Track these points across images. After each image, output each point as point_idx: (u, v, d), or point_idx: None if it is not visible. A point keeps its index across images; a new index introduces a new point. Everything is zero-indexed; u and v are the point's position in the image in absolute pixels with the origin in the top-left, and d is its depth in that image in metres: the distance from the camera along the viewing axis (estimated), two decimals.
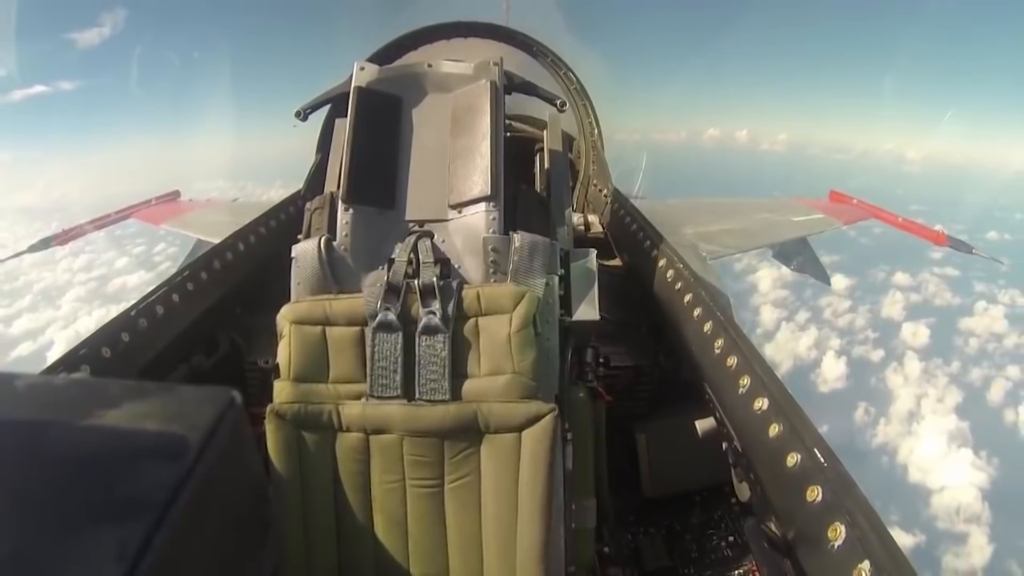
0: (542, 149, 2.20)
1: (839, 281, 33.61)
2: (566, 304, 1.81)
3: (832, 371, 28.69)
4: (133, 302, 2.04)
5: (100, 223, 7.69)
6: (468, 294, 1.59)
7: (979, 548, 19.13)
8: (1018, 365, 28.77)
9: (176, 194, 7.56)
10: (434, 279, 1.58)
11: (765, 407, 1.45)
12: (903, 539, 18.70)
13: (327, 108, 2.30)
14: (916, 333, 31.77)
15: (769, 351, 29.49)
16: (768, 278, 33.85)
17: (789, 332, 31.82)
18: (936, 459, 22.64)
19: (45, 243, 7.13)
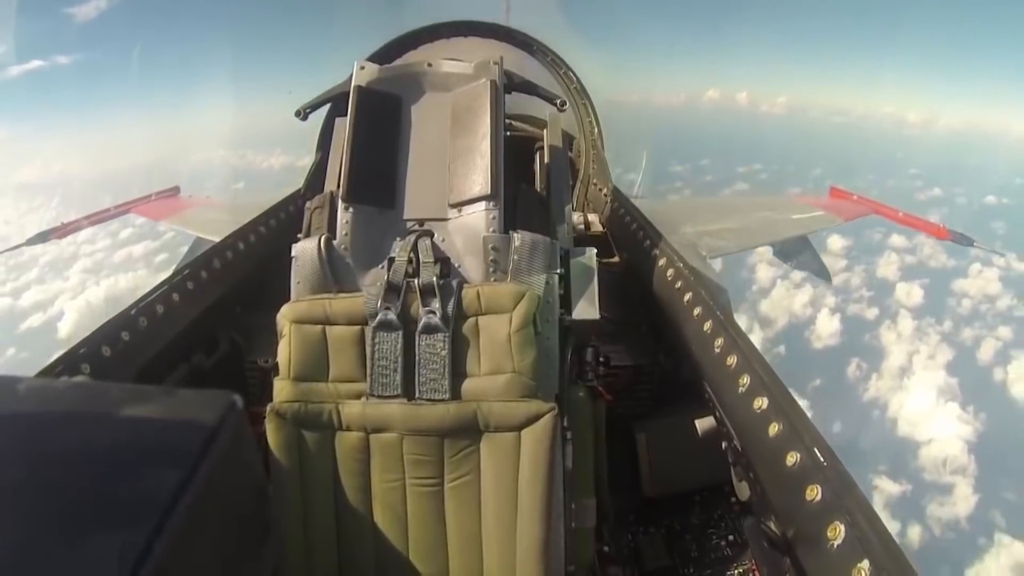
0: (542, 148, 2.20)
1: (835, 241, 34.08)
2: (566, 303, 1.81)
3: (826, 328, 28.91)
4: (136, 298, 2.04)
5: (98, 218, 7.70)
6: (468, 293, 1.59)
7: (964, 499, 19.59)
8: (1010, 326, 29.16)
9: (176, 190, 7.56)
10: (434, 278, 1.58)
11: (765, 406, 1.45)
12: (891, 488, 19.36)
13: (327, 107, 2.29)
14: (910, 293, 31.98)
15: (764, 308, 29.87)
16: None
17: (784, 290, 31.85)
18: (925, 413, 23.13)
19: (43, 237, 7.16)
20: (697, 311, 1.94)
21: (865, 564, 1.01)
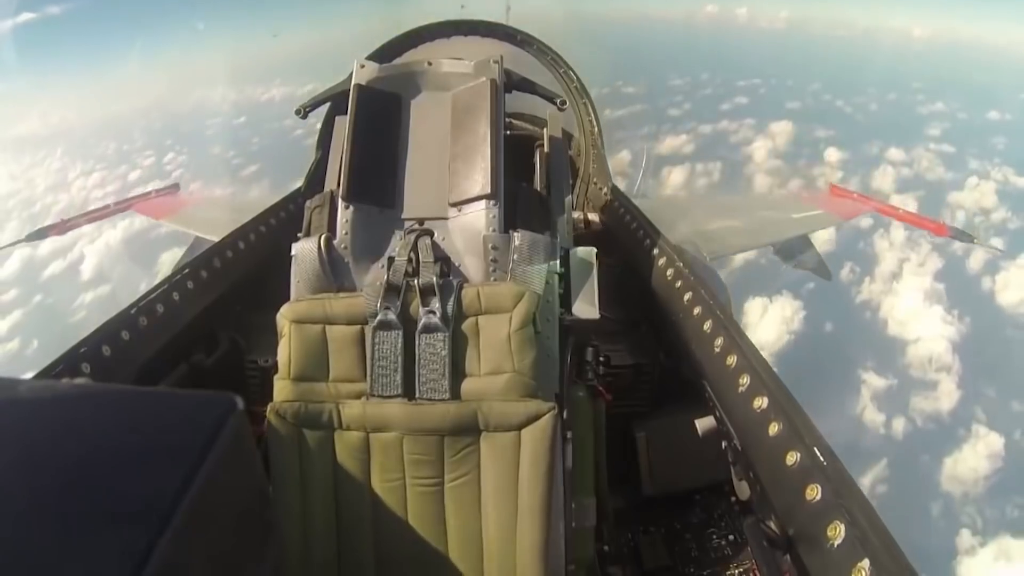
0: (542, 147, 2.20)
1: (832, 154, 34.29)
2: (566, 302, 1.81)
3: (821, 234, 28.93)
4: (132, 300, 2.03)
5: (98, 215, 7.75)
6: (468, 293, 1.59)
7: (947, 394, 20.36)
8: (1002, 238, 29.09)
9: (176, 187, 7.61)
10: (434, 278, 1.58)
11: (765, 405, 1.45)
12: (878, 383, 20.07)
13: (328, 106, 2.29)
14: (905, 204, 32.24)
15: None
16: (763, 148, 34.61)
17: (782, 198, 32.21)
18: (914, 314, 23.85)
19: (42, 233, 7.21)
20: (697, 310, 1.94)
21: (865, 563, 1.02)
